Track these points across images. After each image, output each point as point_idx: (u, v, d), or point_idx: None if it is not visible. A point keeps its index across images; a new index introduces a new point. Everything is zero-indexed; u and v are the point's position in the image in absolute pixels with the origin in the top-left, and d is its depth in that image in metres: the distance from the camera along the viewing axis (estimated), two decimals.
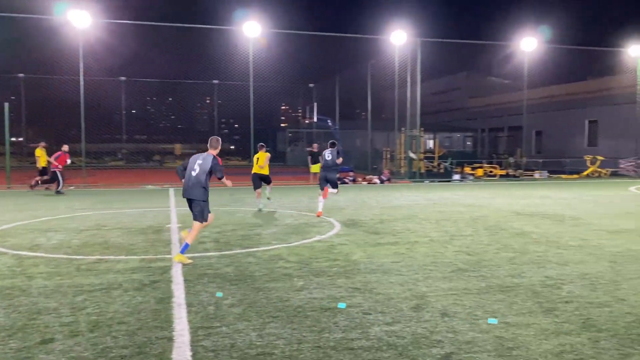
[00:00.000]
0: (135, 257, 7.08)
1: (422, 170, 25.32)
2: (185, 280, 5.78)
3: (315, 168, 22.33)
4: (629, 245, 8.02)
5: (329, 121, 34.49)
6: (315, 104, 34.87)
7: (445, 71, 43.37)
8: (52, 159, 17.80)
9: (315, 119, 34.66)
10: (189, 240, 6.81)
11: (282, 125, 72.80)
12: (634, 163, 27.73)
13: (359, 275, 6.05)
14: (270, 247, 7.81)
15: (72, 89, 23.34)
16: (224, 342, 3.98)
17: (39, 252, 7.36)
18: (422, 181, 23.14)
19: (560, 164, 31.35)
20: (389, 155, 30.35)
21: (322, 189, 11.62)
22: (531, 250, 7.59)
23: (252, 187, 12.70)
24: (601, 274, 6.18)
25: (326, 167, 11.78)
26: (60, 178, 17.69)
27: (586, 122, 35.94)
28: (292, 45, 26.13)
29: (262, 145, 13.03)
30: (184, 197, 6.93)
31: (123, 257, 7.08)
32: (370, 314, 4.67)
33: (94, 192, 18.64)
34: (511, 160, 30.07)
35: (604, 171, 27.90)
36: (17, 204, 14.03)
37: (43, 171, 18.90)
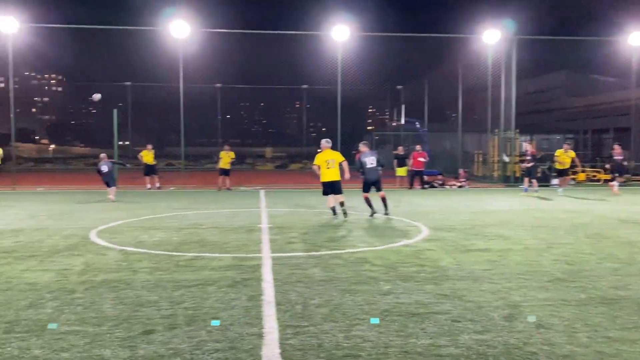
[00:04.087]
0: (228, 255, 7.40)
1: (517, 175, 24.24)
2: (275, 279, 5.95)
3: (401, 171, 22.15)
4: None
5: (417, 123, 33.92)
6: (403, 106, 34.45)
7: (543, 70, 41.14)
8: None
9: (402, 122, 34.23)
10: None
11: (368, 128, 72.67)
12: None
13: (447, 282, 5.91)
14: (357, 250, 7.83)
15: (173, 96, 24.86)
16: (311, 342, 4.05)
17: (142, 249, 7.89)
18: (517, 185, 22.12)
19: None
20: (481, 158, 29.36)
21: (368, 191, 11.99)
22: (638, 261, 7.02)
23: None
24: None
25: (374, 171, 11.80)
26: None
27: None
28: (381, 47, 26.03)
29: (328, 140, 11.83)
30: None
31: (217, 254, 7.43)
32: (459, 321, 4.55)
33: (191, 193, 19.68)
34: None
35: None
36: (123, 203, 15.15)
37: (149, 169, 20.81)
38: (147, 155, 20.85)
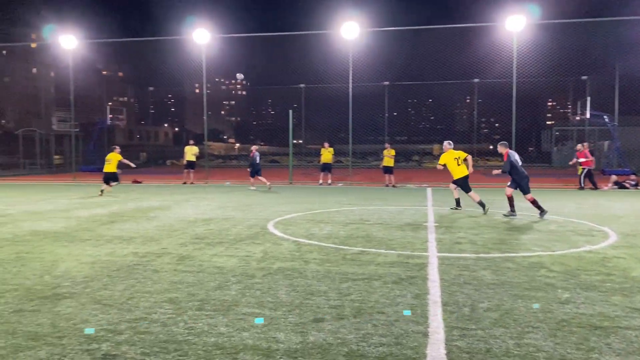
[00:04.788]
0: (393, 251, 7.46)
1: None
2: (441, 279, 5.84)
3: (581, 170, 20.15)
4: None
5: (605, 117, 30.42)
6: (588, 98, 31.13)
7: None
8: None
9: (587, 115, 30.95)
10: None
11: (547, 123, 67.14)
12: None
13: (639, 295, 5.24)
14: (531, 254, 7.32)
15: (342, 95, 25.77)
16: (479, 346, 3.91)
17: (313, 240, 8.34)
18: None
19: None
20: None
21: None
22: None
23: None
24: None
25: (524, 170, 11.29)
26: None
27: None
28: (562, 36, 23.87)
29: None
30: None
31: (383, 250, 7.53)
32: None
33: (358, 189, 20.20)
34: None
35: None
36: (297, 197, 16.15)
37: (324, 166, 22.19)
38: (326, 154, 22.05)
